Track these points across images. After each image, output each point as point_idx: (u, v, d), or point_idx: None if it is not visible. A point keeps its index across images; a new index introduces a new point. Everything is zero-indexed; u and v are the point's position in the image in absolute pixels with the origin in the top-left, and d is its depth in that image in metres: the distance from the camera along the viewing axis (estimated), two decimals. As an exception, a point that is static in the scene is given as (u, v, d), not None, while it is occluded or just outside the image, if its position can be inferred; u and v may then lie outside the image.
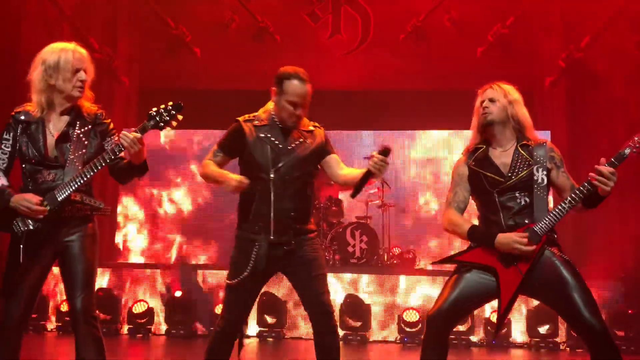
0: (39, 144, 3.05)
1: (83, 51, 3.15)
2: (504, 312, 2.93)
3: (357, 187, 3.07)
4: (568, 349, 6.53)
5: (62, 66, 3.05)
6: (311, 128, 3.42)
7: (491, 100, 3.16)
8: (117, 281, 7.25)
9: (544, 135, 9.90)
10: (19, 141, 3.08)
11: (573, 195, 2.91)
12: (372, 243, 7.90)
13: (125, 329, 6.98)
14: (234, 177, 3.16)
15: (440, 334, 3.01)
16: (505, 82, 3.26)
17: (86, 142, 3.11)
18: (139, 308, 6.94)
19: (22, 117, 3.09)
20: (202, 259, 9.69)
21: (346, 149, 9.29)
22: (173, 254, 9.78)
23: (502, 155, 3.15)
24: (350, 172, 3.30)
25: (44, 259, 3.07)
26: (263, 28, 9.09)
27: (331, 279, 7.02)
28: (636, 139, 2.85)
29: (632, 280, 6.86)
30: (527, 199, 3.02)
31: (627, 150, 2.84)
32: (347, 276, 7.13)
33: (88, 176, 3.00)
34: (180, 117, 3.05)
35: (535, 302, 6.49)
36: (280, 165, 3.25)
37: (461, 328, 6.57)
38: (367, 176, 3.02)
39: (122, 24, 9.19)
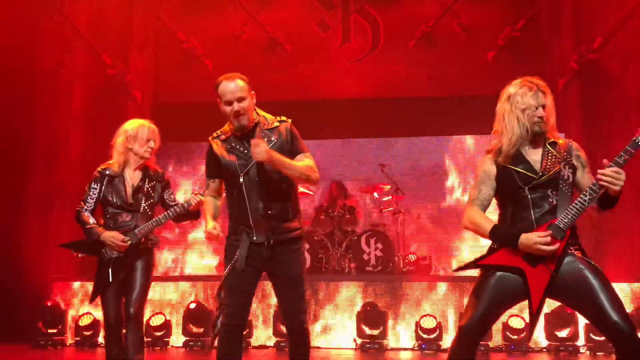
0: (122, 193, 4.12)
1: (154, 127, 4.21)
2: (536, 312, 2.87)
3: None
4: (588, 352, 6.45)
5: (139, 136, 4.13)
6: (275, 124, 3.45)
7: (543, 107, 3.04)
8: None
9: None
10: (105, 190, 4.12)
11: (591, 187, 2.82)
12: (387, 250, 7.88)
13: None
14: (208, 226, 3.36)
15: (473, 343, 2.96)
16: (539, 78, 3.12)
17: (153, 194, 4.20)
18: (156, 321, 6.98)
19: (108, 172, 4.15)
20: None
21: (357, 156, 9.26)
22: (188, 266, 9.83)
23: (532, 153, 3.07)
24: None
25: (120, 276, 4.08)
26: (273, 39, 9.14)
27: (348, 287, 7.01)
28: None
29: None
30: (558, 198, 2.96)
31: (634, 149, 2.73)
32: (363, 284, 7.12)
33: (163, 222, 4.09)
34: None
35: (554, 306, 6.44)
36: (247, 169, 3.36)
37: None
38: None
39: (134, 40, 9.28)
